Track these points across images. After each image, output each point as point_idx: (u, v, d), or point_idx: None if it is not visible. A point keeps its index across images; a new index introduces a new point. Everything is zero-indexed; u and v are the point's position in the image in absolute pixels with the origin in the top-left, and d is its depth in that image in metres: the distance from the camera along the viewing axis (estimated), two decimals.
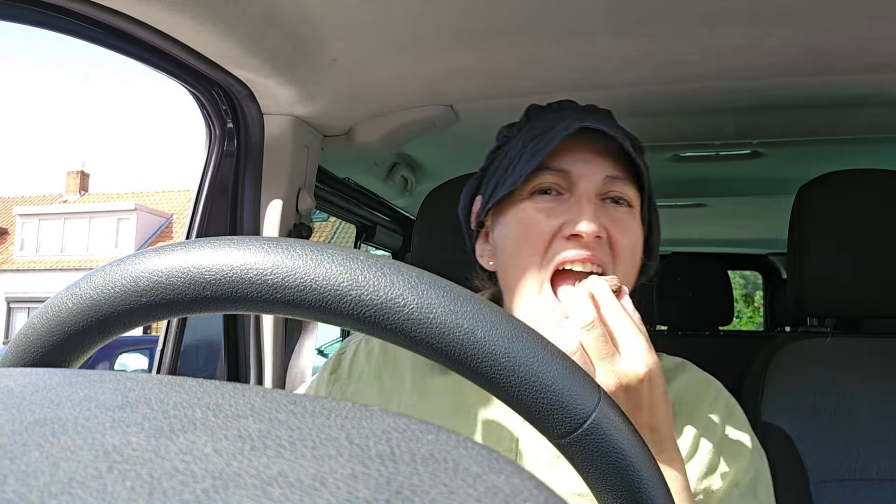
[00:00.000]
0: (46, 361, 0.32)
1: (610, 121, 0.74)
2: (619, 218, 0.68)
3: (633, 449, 0.31)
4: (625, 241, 0.67)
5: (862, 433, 1.07)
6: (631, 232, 0.69)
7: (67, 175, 21.19)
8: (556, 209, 0.68)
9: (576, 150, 0.69)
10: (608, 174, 0.68)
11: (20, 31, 45.83)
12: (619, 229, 0.67)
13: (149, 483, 0.15)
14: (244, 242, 0.30)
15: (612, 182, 0.69)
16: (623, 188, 0.69)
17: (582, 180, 0.68)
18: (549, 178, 0.69)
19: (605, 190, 0.69)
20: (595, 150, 0.69)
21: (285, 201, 1.08)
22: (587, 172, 0.68)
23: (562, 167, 0.68)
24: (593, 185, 0.68)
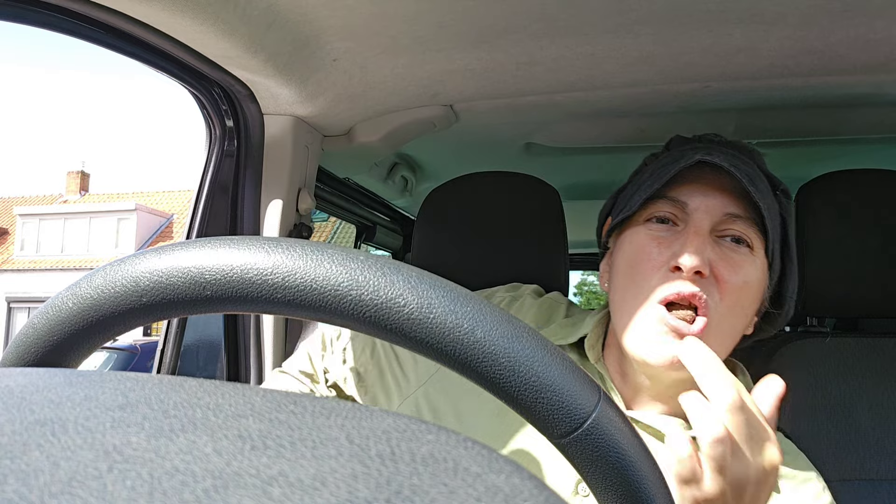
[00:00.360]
0: (47, 361, 0.32)
1: (745, 159, 0.72)
2: (731, 257, 0.67)
3: (633, 449, 0.31)
4: (733, 280, 0.66)
5: (862, 433, 1.07)
6: (743, 273, 0.67)
7: (68, 175, 21.20)
8: (667, 239, 0.68)
9: (697, 183, 0.69)
10: (727, 211, 0.67)
11: (20, 31, 45.89)
12: (728, 267, 0.66)
13: (149, 483, 0.15)
14: (244, 242, 0.30)
15: (732, 220, 0.67)
16: (743, 228, 0.68)
17: (697, 213, 0.67)
18: (665, 208, 0.69)
19: (722, 227, 0.68)
20: (719, 185, 0.68)
21: (285, 201, 1.08)
22: (704, 206, 0.68)
23: (679, 198, 0.69)
24: (708, 220, 0.67)
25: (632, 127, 1.38)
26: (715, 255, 0.66)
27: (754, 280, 0.68)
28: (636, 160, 1.61)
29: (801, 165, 1.61)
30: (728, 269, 0.66)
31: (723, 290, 0.65)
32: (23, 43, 56.06)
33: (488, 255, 1.14)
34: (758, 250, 0.69)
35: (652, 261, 0.67)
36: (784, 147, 1.50)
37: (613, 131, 1.42)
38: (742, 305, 0.68)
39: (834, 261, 1.12)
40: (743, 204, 0.68)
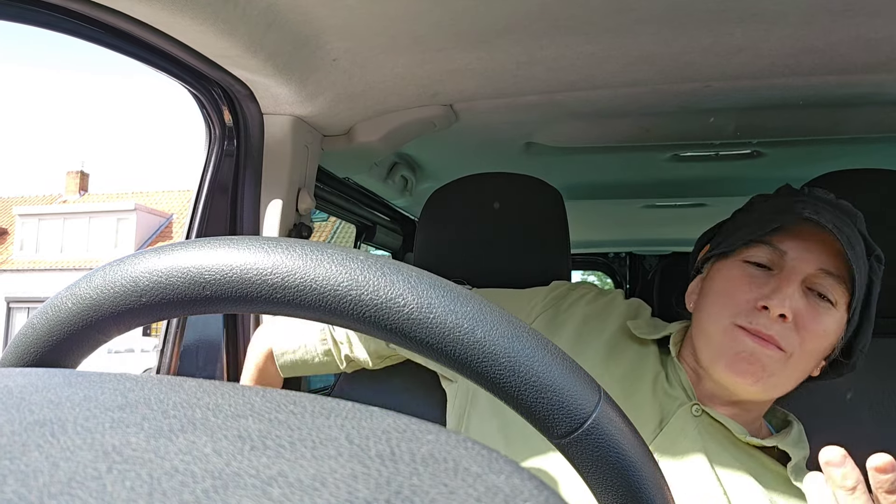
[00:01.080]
0: (46, 362, 0.32)
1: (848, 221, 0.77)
2: (817, 310, 0.72)
3: (634, 449, 0.31)
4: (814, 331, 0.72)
5: (862, 434, 1.07)
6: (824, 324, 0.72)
7: (67, 175, 21.19)
8: (760, 281, 0.74)
9: (800, 235, 0.74)
10: (822, 267, 0.73)
11: (20, 31, 45.88)
12: (811, 319, 0.72)
13: (148, 483, 0.15)
14: (244, 242, 0.30)
15: (824, 276, 0.73)
16: (832, 285, 0.73)
17: (793, 263, 0.73)
18: (765, 253, 0.75)
19: (813, 280, 0.73)
20: (819, 241, 0.74)
21: (285, 201, 1.08)
22: (802, 259, 0.73)
23: (780, 246, 0.74)
24: (802, 271, 0.73)
25: (633, 126, 1.38)
26: (801, 304, 0.72)
27: (832, 332, 0.74)
28: (637, 160, 1.61)
29: (801, 165, 1.61)
30: (811, 318, 0.72)
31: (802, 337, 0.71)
32: (22, 43, 56.07)
33: (491, 256, 1.14)
34: (840, 306, 0.74)
35: (743, 296, 0.73)
36: (784, 147, 1.50)
37: (614, 131, 1.42)
38: (816, 353, 0.74)
39: None
40: (837, 263, 0.73)
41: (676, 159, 1.60)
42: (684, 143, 1.50)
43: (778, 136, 1.41)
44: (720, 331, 0.74)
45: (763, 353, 0.71)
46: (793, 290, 0.71)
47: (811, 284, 0.73)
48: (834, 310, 0.73)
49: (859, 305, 0.75)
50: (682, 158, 1.59)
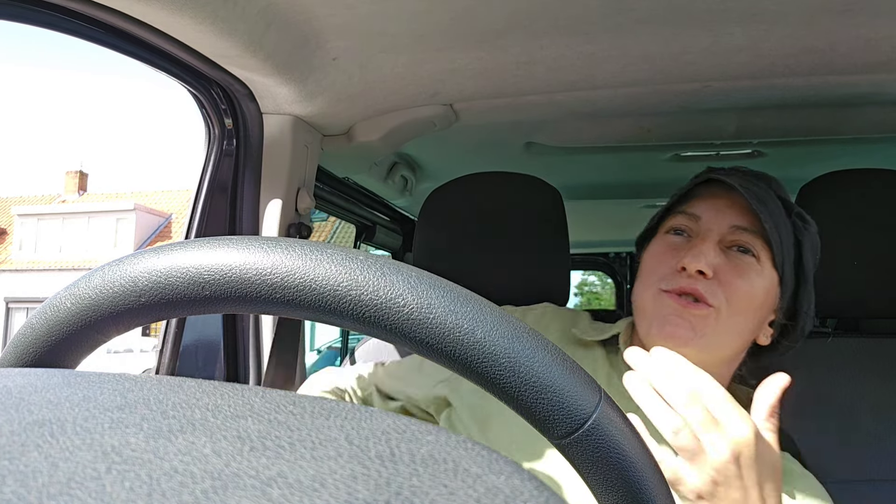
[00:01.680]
0: (45, 362, 0.32)
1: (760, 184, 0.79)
2: (738, 264, 0.74)
3: (634, 449, 0.31)
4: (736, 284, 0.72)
5: (863, 434, 1.07)
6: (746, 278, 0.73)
7: (66, 175, 21.18)
8: (680, 248, 0.76)
9: (710, 199, 0.78)
10: (734, 224, 0.76)
11: (20, 30, 45.80)
12: (732, 273, 0.73)
13: (148, 484, 0.15)
14: (243, 242, 0.30)
15: (738, 232, 0.75)
16: (749, 239, 0.75)
17: (706, 224, 0.76)
18: (681, 220, 0.79)
19: (730, 238, 0.75)
20: (728, 202, 0.77)
21: (285, 201, 1.08)
22: (714, 219, 0.76)
23: (693, 212, 0.78)
24: (716, 230, 0.75)
25: (632, 126, 1.38)
26: (720, 261, 0.73)
27: (759, 287, 0.74)
28: (637, 160, 1.61)
29: (801, 165, 1.61)
30: (732, 273, 0.73)
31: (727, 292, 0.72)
32: (22, 43, 56.05)
33: (490, 256, 1.14)
34: (765, 262, 0.75)
35: (666, 264, 0.75)
36: (784, 147, 1.50)
37: (614, 131, 1.42)
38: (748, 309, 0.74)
39: (835, 261, 1.11)
40: (751, 219, 0.75)
41: (677, 159, 1.60)
42: (684, 143, 1.50)
43: (778, 136, 1.41)
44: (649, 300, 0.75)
45: (689, 313, 0.72)
46: (707, 246, 0.72)
47: (729, 242, 0.75)
48: (757, 265, 0.75)
49: (789, 263, 0.76)
50: (682, 158, 1.59)
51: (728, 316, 0.72)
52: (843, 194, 1.14)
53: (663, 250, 0.78)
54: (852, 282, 1.11)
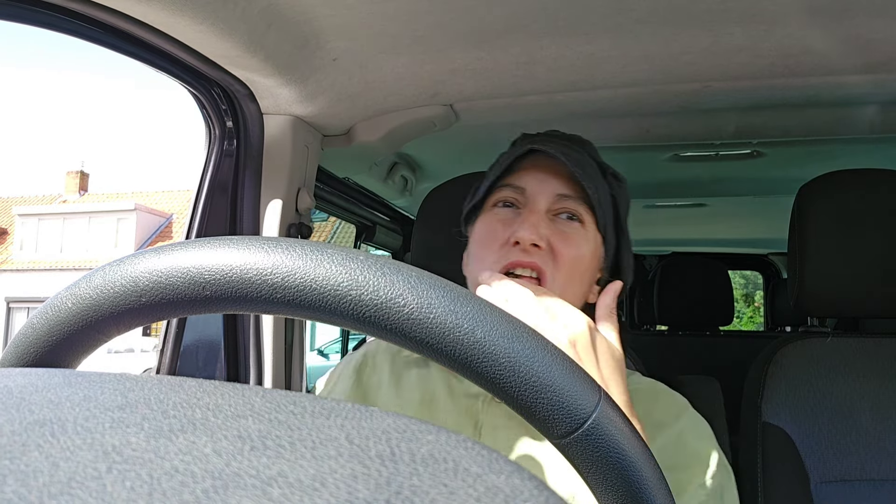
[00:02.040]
0: (46, 362, 0.32)
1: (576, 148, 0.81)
2: (565, 231, 0.76)
3: (634, 449, 0.31)
4: (567, 252, 0.75)
5: (863, 434, 1.07)
6: (576, 245, 0.76)
7: (67, 175, 21.18)
8: (510, 220, 0.77)
9: (533, 170, 0.79)
10: (559, 192, 0.77)
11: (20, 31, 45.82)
12: (562, 241, 0.75)
13: (148, 483, 0.15)
14: (244, 242, 0.30)
15: (563, 200, 0.77)
16: (573, 205, 0.77)
17: (532, 195, 0.78)
18: (507, 193, 0.79)
19: (556, 206, 0.77)
20: (550, 171, 0.79)
21: (285, 201, 1.08)
22: (539, 189, 0.78)
23: (518, 184, 0.79)
24: (543, 200, 0.77)
25: (633, 126, 1.38)
26: (550, 231, 0.75)
27: (587, 251, 0.78)
28: (637, 160, 1.61)
29: (801, 165, 1.61)
30: (562, 242, 0.75)
31: (559, 261, 0.75)
32: (22, 43, 56.06)
33: None
34: (589, 225, 0.78)
35: (497, 239, 0.76)
36: (784, 147, 1.50)
37: (614, 131, 1.42)
38: (579, 273, 0.77)
39: (834, 261, 1.11)
40: (573, 186, 0.78)
41: (676, 159, 1.60)
42: (684, 143, 1.50)
43: (778, 136, 1.41)
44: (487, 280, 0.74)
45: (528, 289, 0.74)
46: (537, 218, 0.74)
47: (556, 210, 0.77)
48: (583, 229, 0.77)
49: (609, 223, 0.80)
50: (682, 158, 1.59)
51: (562, 284, 0.74)
52: (843, 194, 1.14)
53: (493, 224, 0.78)
54: (852, 282, 1.11)
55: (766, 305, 3.78)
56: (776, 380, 1.12)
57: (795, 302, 1.16)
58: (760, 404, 1.12)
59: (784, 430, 1.09)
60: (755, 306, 12.22)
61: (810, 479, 1.06)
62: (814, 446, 1.08)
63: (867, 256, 1.10)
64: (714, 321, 2.32)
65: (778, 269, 3.70)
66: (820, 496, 1.05)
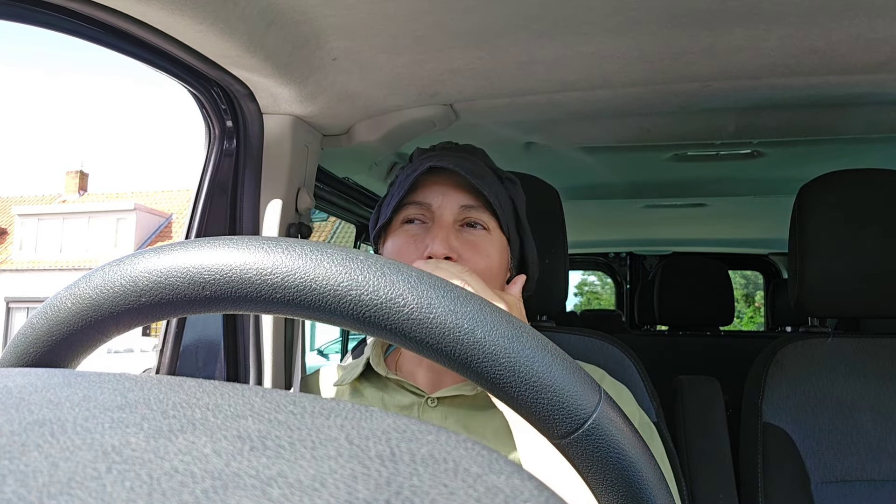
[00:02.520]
0: (45, 362, 0.32)
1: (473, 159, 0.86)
2: (472, 241, 0.81)
3: (634, 449, 0.31)
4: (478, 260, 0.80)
5: (863, 434, 1.07)
6: (485, 252, 0.81)
7: (66, 175, 21.18)
8: (420, 236, 0.82)
9: (435, 185, 0.83)
10: (462, 204, 0.82)
11: (20, 31, 45.86)
12: (472, 251, 0.80)
13: (148, 483, 0.15)
14: (244, 242, 0.30)
15: (467, 210, 0.82)
16: (477, 214, 0.82)
17: (439, 210, 0.82)
18: (413, 211, 0.83)
19: (461, 217, 0.82)
20: (451, 184, 0.82)
21: (285, 201, 1.08)
22: (443, 204, 0.82)
23: (423, 200, 0.83)
24: (449, 214, 0.81)
25: (632, 126, 1.38)
26: (459, 242, 0.80)
27: (495, 255, 0.83)
28: (637, 160, 1.61)
29: (801, 165, 1.61)
30: (472, 251, 0.80)
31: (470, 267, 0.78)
32: (22, 43, 56.05)
33: None
34: (493, 230, 0.83)
35: (410, 254, 0.80)
36: (784, 147, 1.50)
37: (614, 131, 1.42)
38: (492, 276, 0.82)
39: (834, 261, 1.11)
40: (474, 195, 0.82)
41: (677, 159, 1.60)
42: (684, 143, 1.50)
43: (778, 136, 1.41)
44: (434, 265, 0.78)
45: None
46: (445, 232, 0.79)
47: (461, 221, 0.82)
48: (489, 235, 0.82)
49: (511, 224, 0.85)
50: (682, 158, 1.59)
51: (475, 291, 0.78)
52: (843, 194, 1.14)
53: (404, 241, 0.82)
54: (852, 282, 1.11)
55: (766, 305, 3.78)
56: (776, 380, 1.12)
57: (796, 302, 1.16)
58: (761, 404, 1.12)
59: (784, 431, 1.09)
60: (755, 306, 12.22)
61: (811, 479, 1.06)
62: (814, 446, 1.08)
63: (867, 256, 1.10)
64: (714, 321, 2.32)
65: (778, 269, 3.71)
66: (820, 496, 1.05)
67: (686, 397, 1.22)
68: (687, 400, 1.22)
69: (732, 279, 2.44)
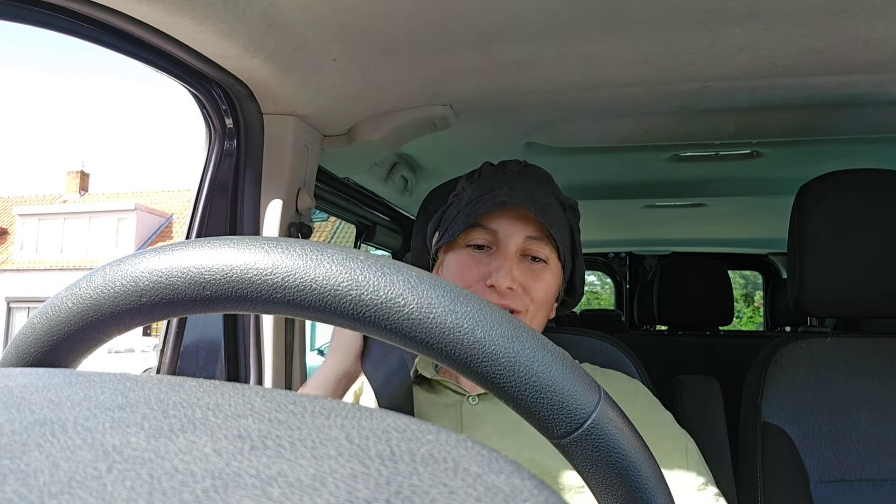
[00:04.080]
0: (46, 361, 0.32)
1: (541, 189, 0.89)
2: (535, 272, 0.85)
3: (634, 449, 0.31)
4: (538, 292, 0.84)
5: (862, 433, 1.07)
6: (545, 282, 0.85)
7: (67, 175, 21.17)
8: (483, 260, 0.85)
9: (505, 214, 0.85)
10: (528, 235, 0.85)
11: (20, 31, 45.86)
12: (534, 281, 0.84)
13: (148, 483, 0.15)
14: (244, 242, 0.30)
15: (532, 242, 0.85)
16: (540, 248, 0.85)
17: (505, 240, 0.84)
18: (480, 235, 0.86)
19: (525, 248, 0.85)
20: (521, 215, 0.85)
21: (285, 201, 1.08)
22: (510, 234, 0.85)
23: (491, 227, 0.85)
24: (514, 245, 0.84)
25: (633, 126, 1.38)
26: (521, 273, 0.83)
27: (553, 285, 0.87)
28: (637, 160, 1.61)
29: (801, 165, 1.61)
30: (534, 282, 0.84)
31: (533, 299, 0.84)
32: (22, 43, 56.04)
33: None
34: (552, 261, 0.87)
35: (471, 276, 0.84)
36: (784, 147, 1.50)
37: (613, 131, 1.42)
38: (546, 303, 0.86)
39: (834, 261, 1.11)
40: (539, 227, 0.85)
41: (676, 159, 1.60)
42: (684, 143, 1.50)
43: (778, 136, 1.41)
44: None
45: None
46: (510, 264, 0.82)
47: (525, 252, 0.85)
48: (548, 266, 0.86)
49: (568, 253, 0.88)
50: (682, 158, 1.59)
51: (533, 314, 0.84)
52: (843, 194, 1.14)
53: (468, 263, 0.85)
54: (851, 282, 1.11)
55: (765, 305, 3.78)
56: (776, 380, 1.12)
57: (795, 302, 1.16)
58: (760, 404, 1.12)
59: (784, 430, 1.09)
60: (755, 306, 12.22)
61: (810, 479, 1.06)
62: (813, 446, 1.08)
63: (867, 256, 1.10)
64: (714, 321, 2.32)
65: (778, 269, 3.71)
66: (820, 496, 1.05)
67: (685, 397, 1.22)
68: (686, 399, 1.22)
69: (732, 279, 2.44)
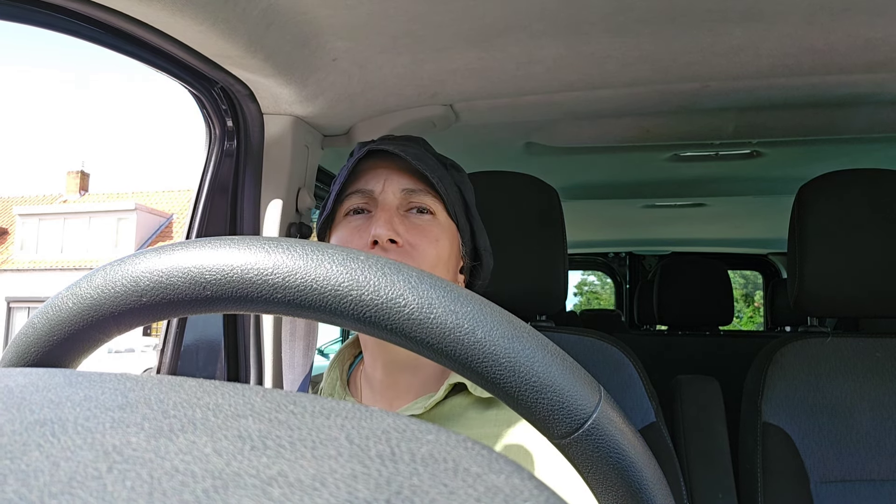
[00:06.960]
0: (46, 361, 0.32)
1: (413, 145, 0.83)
2: (419, 225, 0.78)
3: (634, 449, 0.31)
4: (426, 245, 0.76)
5: (862, 433, 1.07)
6: (432, 236, 0.77)
7: (67, 175, 21.18)
8: (364, 226, 0.78)
9: (376, 172, 0.80)
10: (405, 188, 0.78)
11: (21, 31, 45.90)
12: (418, 235, 0.77)
13: (149, 483, 0.15)
14: (244, 242, 0.30)
15: (411, 194, 0.78)
16: (421, 198, 0.79)
17: (381, 196, 0.78)
18: (357, 200, 0.80)
19: (405, 202, 0.78)
20: (394, 169, 0.79)
21: (285, 201, 1.08)
22: (385, 188, 0.78)
23: (365, 188, 0.79)
24: (391, 199, 0.78)
25: (633, 126, 1.38)
26: (405, 227, 0.76)
27: (443, 238, 0.79)
28: (637, 160, 1.61)
29: (801, 165, 1.61)
30: (419, 236, 0.76)
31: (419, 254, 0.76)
32: (22, 43, 56.07)
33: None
34: (440, 214, 0.79)
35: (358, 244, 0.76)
36: (784, 147, 1.50)
37: (613, 131, 1.42)
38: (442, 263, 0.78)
39: (834, 261, 1.11)
40: (417, 179, 0.79)
41: (676, 159, 1.60)
42: (684, 143, 1.50)
43: (778, 136, 1.41)
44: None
45: None
46: (388, 215, 0.75)
47: (406, 206, 0.78)
48: (435, 218, 0.79)
49: (460, 211, 0.82)
50: (682, 158, 1.59)
51: None
52: (842, 194, 1.14)
53: (348, 233, 0.79)
54: (852, 282, 1.11)
55: (765, 305, 3.78)
56: (776, 380, 1.12)
57: (795, 302, 1.16)
58: (760, 404, 1.12)
59: (784, 430, 1.09)
60: (755, 306, 12.22)
61: (810, 479, 1.06)
62: (813, 446, 1.08)
63: (867, 256, 1.10)
64: (714, 321, 2.32)
65: (778, 268, 3.71)
66: (820, 496, 1.05)
67: (685, 397, 1.22)
68: (686, 400, 1.22)
69: (732, 279, 2.44)
